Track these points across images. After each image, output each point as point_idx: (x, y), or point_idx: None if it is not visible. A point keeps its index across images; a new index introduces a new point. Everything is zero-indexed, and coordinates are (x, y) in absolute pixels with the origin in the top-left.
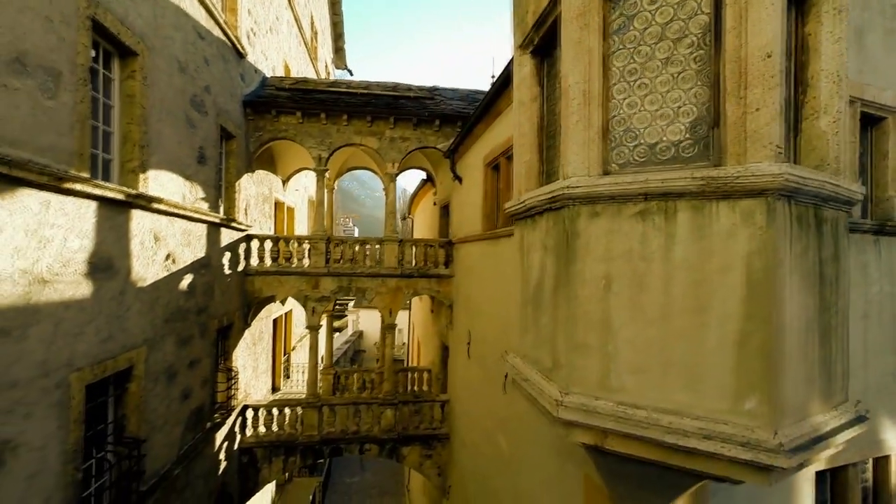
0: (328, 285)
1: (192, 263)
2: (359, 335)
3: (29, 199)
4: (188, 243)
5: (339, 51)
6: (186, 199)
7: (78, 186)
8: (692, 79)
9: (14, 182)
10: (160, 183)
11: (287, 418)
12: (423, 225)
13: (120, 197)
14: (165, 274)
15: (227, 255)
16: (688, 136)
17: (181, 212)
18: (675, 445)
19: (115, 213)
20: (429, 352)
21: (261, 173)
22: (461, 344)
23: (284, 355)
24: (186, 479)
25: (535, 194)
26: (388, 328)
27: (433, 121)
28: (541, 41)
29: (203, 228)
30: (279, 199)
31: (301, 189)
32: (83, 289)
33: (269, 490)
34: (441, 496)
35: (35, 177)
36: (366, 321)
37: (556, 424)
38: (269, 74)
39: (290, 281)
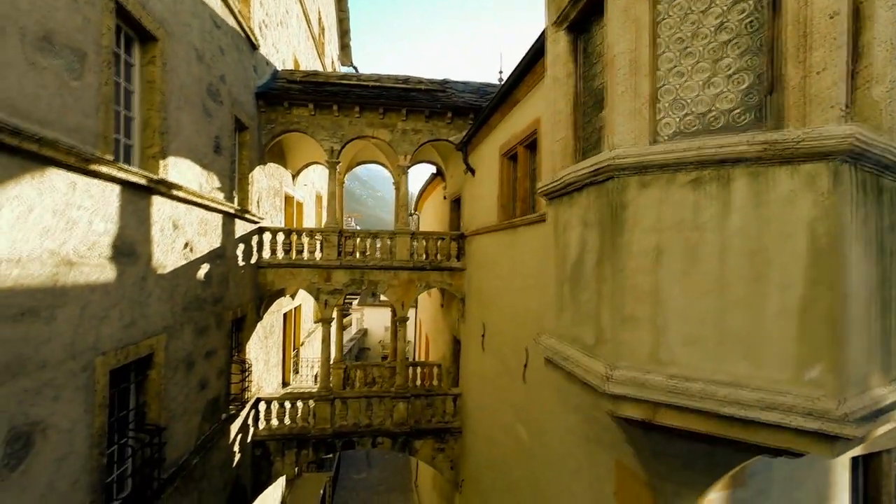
0: (340, 278)
1: (208, 253)
2: (363, 333)
3: (57, 180)
4: (205, 232)
5: (345, 48)
6: (203, 188)
7: (104, 169)
8: (745, 45)
9: (43, 161)
10: (179, 170)
11: (300, 411)
12: (432, 220)
13: (142, 182)
14: (184, 262)
15: (241, 246)
16: (740, 103)
17: (198, 200)
18: (734, 417)
19: (137, 198)
20: (438, 347)
21: (271, 166)
22: (474, 337)
23: (294, 350)
24: (203, 470)
25: (575, 169)
26: (401, 321)
27: (445, 113)
28: (578, 15)
29: (219, 219)
30: (289, 193)
31: (309, 184)
32: (107, 273)
33: (279, 485)
34: (453, 491)
35: (63, 157)
36: (370, 319)
37: (602, 400)
38: (279, 68)
39: (302, 273)
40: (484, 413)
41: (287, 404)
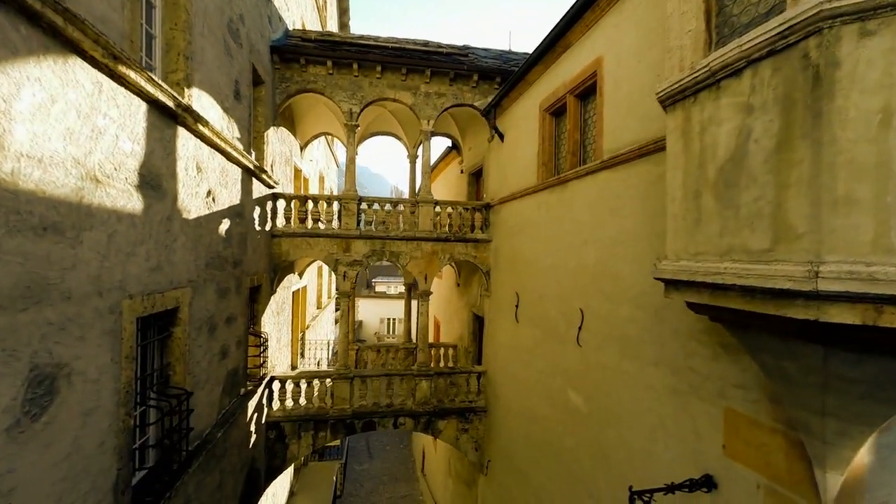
0: (360, 248)
1: (228, 208)
2: (358, 325)
3: (81, 75)
4: (225, 184)
5: (343, 27)
6: (225, 134)
7: (131, 74)
8: None
9: (67, 46)
10: (202, 106)
11: (316, 391)
12: (446, 196)
13: (169, 103)
14: (207, 212)
15: (258, 209)
16: None
17: (221, 144)
18: None
19: (163, 124)
20: (453, 328)
21: (283, 132)
22: (504, 310)
23: (300, 333)
24: (224, 447)
25: (742, 42)
26: (423, 296)
27: (471, 76)
28: None
29: (238, 172)
30: (297, 165)
31: (314, 161)
32: (134, 202)
33: (287, 473)
34: (476, 473)
35: (89, 45)
36: (365, 311)
37: (793, 308)
38: (290, 27)
39: (320, 243)
40: (518, 387)
41: (303, 384)
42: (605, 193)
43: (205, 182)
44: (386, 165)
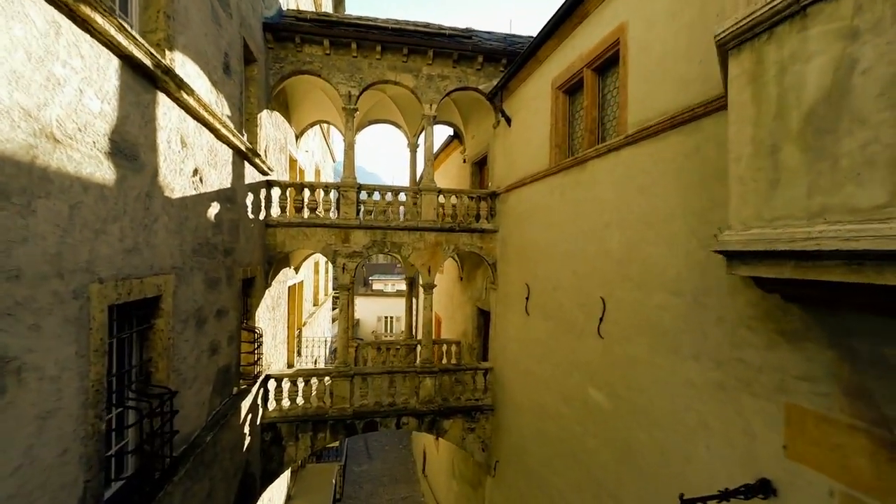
0: (360, 239)
1: (218, 191)
2: (356, 323)
3: (31, 8)
4: (214, 164)
5: (337, 9)
6: (214, 108)
7: (98, 19)
8: None
9: None
10: (187, 74)
11: (314, 390)
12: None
13: (147, 62)
14: (193, 192)
15: (251, 196)
16: None
17: (210, 119)
18: None
19: (141, 88)
20: (456, 324)
21: (278, 118)
22: (512, 303)
23: (297, 330)
24: (214, 452)
25: None
26: (427, 288)
27: (475, 57)
28: None
29: (228, 153)
30: (293, 154)
31: (310, 152)
32: (105, 171)
33: (284, 477)
34: (483, 474)
35: None
36: (362, 309)
37: None
38: (284, 7)
39: (317, 234)
40: (530, 383)
41: (300, 382)
42: (631, 171)
43: (190, 159)
44: (382, 165)
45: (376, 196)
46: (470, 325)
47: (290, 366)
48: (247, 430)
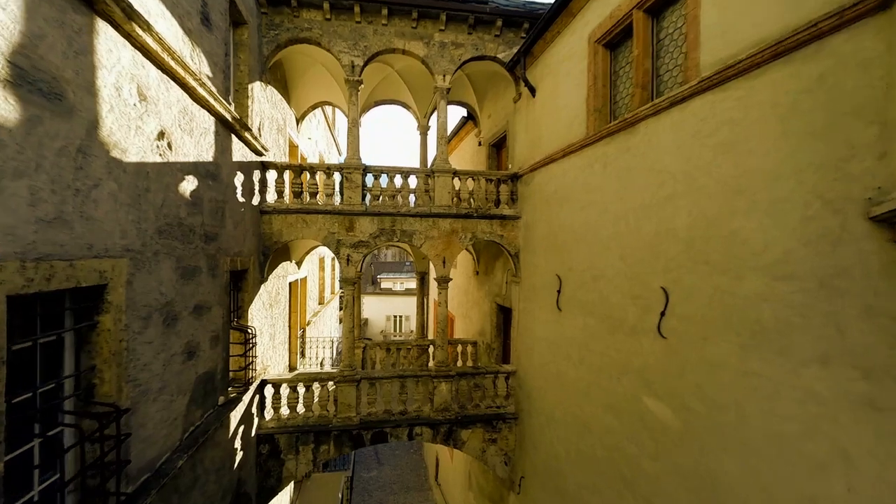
0: (366, 227)
1: (196, 164)
2: (364, 323)
3: None
4: (189, 131)
5: None
6: (188, 62)
7: None
8: None
9: None
10: (145, 7)
11: (317, 396)
12: None
13: None
14: (159, 159)
15: (240, 177)
16: None
17: (181, 73)
18: None
19: (66, 2)
20: (472, 323)
21: (275, 95)
22: (538, 298)
23: (300, 330)
24: (193, 475)
25: None
26: (441, 282)
27: (493, 22)
28: None
29: (210, 121)
30: (293, 139)
31: (313, 140)
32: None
33: (286, 489)
34: (505, 490)
35: None
36: (370, 308)
37: None
38: None
39: (318, 221)
40: (564, 390)
41: (300, 388)
42: (706, 125)
43: (153, 118)
44: (389, 160)
45: (384, 179)
46: (488, 324)
47: (291, 368)
48: (238, 444)
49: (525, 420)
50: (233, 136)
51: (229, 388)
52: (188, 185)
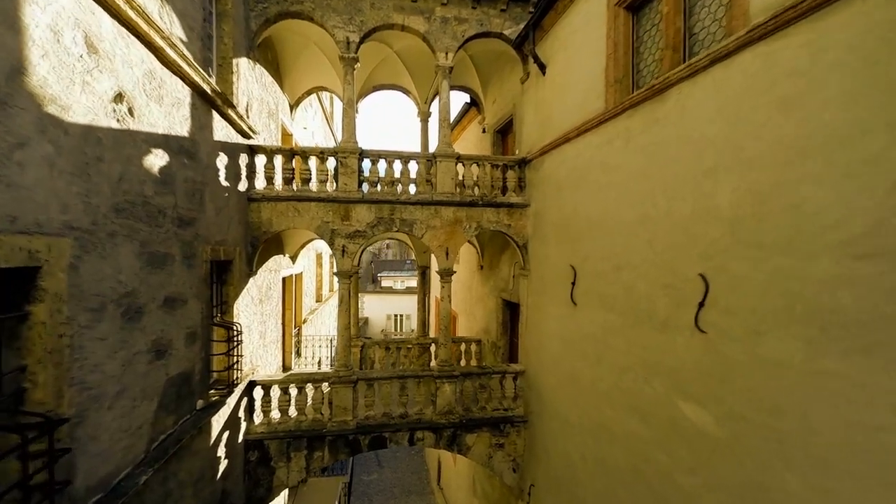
0: (363, 216)
1: (167, 137)
2: (364, 322)
3: None
4: (158, 98)
5: None
6: (155, 18)
7: None
8: None
9: None
10: None
11: (310, 399)
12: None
13: None
14: (115, 125)
15: (223, 158)
16: None
17: (144, 27)
18: None
19: None
20: (475, 321)
21: (266, 79)
22: (549, 292)
23: (295, 328)
24: (164, 490)
25: None
26: (444, 275)
27: None
28: None
29: (185, 91)
30: (286, 127)
31: (309, 130)
32: None
33: (280, 495)
34: (514, 499)
35: None
36: (370, 308)
37: None
38: None
39: (310, 209)
40: (579, 391)
41: (293, 390)
42: (761, 81)
43: (107, 76)
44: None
45: (382, 165)
46: (493, 321)
47: (286, 369)
48: (222, 451)
49: (535, 423)
50: (214, 112)
51: (211, 391)
52: (156, 159)
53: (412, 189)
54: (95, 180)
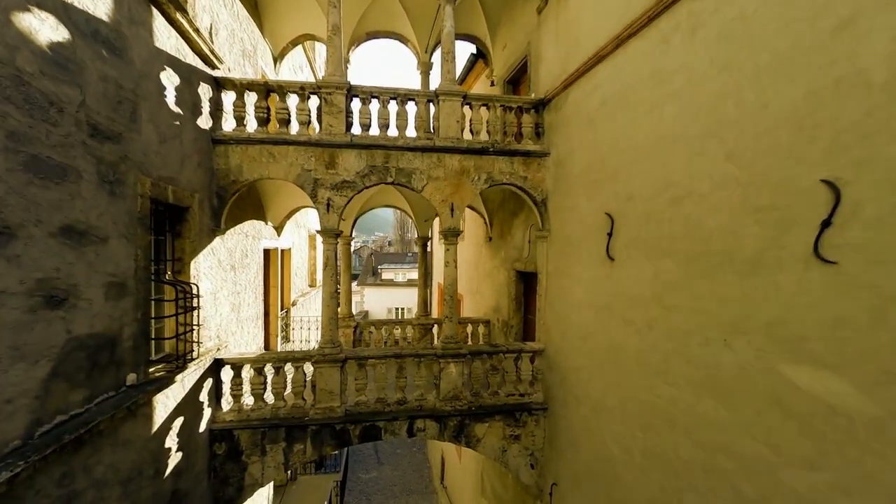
0: (352, 163)
1: (65, 4)
2: (364, 315)
3: None
4: None
5: None
6: None
7: None
8: None
9: None
10: None
11: (289, 381)
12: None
13: None
14: None
15: (173, 77)
16: None
17: None
18: None
19: None
20: (483, 300)
21: (241, 12)
22: (576, 251)
23: (283, 310)
24: (66, 491)
25: None
26: (449, 235)
27: None
28: None
29: None
30: (265, 73)
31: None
32: None
33: (263, 494)
34: (532, 500)
35: None
36: (371, 300)
37: None
38: None
39: (288, 155)
40: (617, 368)
41: (268, 371)
42: None
43: None
44: None
45: (375, 105)
46: (504, 298)
47: (268, 350)
48: (172, 442)
49: (558, 412)
50: (154, 10)
51: (156, 366)
52: (41, 26)
53: (411, 134)
54: None
